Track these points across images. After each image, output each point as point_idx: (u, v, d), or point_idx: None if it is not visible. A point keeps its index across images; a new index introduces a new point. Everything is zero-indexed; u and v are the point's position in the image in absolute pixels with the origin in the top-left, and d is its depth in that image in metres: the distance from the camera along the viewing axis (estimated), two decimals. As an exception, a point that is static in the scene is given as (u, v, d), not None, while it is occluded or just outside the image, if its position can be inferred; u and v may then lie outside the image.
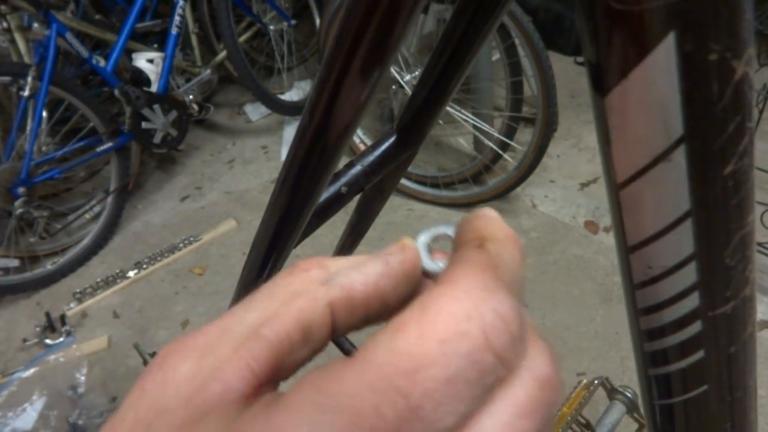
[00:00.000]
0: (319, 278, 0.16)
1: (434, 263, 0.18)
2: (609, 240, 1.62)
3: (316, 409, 0.12)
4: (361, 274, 0.16)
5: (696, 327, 0.26)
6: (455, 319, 0.13)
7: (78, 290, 1.70)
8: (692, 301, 0.25)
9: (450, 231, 0.19)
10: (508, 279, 0.15)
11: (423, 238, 0.19)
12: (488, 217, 0.18)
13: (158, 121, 1.95)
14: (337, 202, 0.46)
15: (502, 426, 0.14)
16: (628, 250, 0.26)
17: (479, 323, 0.13)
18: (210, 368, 0.15)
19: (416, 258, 0.17)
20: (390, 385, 0.12)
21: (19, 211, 1.67)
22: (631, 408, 0.90)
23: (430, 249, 0.19)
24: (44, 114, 1.67)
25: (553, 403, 0.15)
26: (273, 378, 0.15)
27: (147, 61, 1.97)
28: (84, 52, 1.76)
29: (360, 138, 1.99)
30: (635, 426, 0.94)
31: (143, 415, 0.14)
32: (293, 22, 2.40)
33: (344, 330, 0.17)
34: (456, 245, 0.17)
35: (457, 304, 0.14)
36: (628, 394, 0.90)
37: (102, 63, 1.83)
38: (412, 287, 0.18)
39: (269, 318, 0.15)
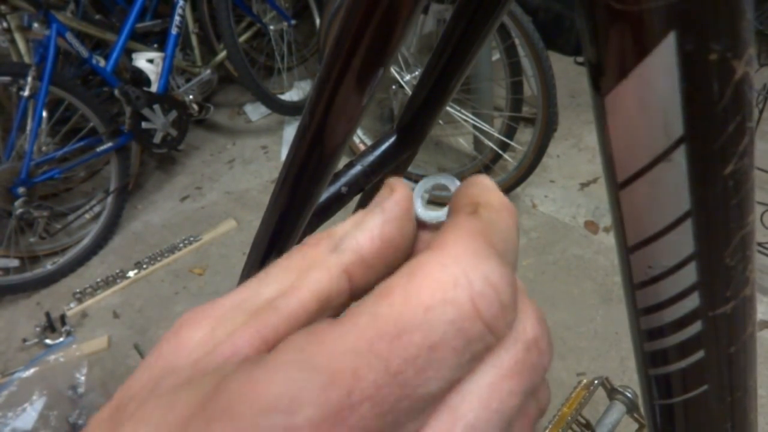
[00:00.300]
0: (329, 247, 0.16)
1: (430, 213, 0.18)
2: (609, 240, 1.62)
3: (295, 367, 0.12)
4: (365, 230, 0.16)
5: (696, 327, 0.26)
6: (442, 286, 0.13)
7: (78, 290, 1.70)
8: (692, 301, 0.25)
9: (450, 183, 0.18)
10: (502, 247, 0.15)
11: (420, 187, 0.19)
12: (483, 184, 0.17)
13: (158, 121, 1.95)
14: (337, 202, 0.46)
15: (488, 387, 0.14)
16: (628, 250, 0.26)
17: (468, 291, 0.13)
18: (223, 335, 0.15)
19: (407, 193, 0.17)
20: (370, 349, 0.12)
21: (19, 211, 1.67)
22: (631, 408, 0.90)
23: (426, 199, 0.18)
24: (44, 114, 1.67)
25: (541, 365, 0.15)
26: None
27: (147, 61, 1.97)
28: (84, 52, 1.76)
29: (360, 138, 1.99)
30: (635, 426, 0.94)
31: (156, 374, 0.15)
32: (293, 22, 2.40)
33: (369, 287, 0.17)
34: (450, 212, 0.17)
35: (444, 270, 0.13)
36: (628, 394, 0.90)
37: (102, 63, 1.84)
38: (414, 224, 0.18)
39: (284, 291, 0.16)
